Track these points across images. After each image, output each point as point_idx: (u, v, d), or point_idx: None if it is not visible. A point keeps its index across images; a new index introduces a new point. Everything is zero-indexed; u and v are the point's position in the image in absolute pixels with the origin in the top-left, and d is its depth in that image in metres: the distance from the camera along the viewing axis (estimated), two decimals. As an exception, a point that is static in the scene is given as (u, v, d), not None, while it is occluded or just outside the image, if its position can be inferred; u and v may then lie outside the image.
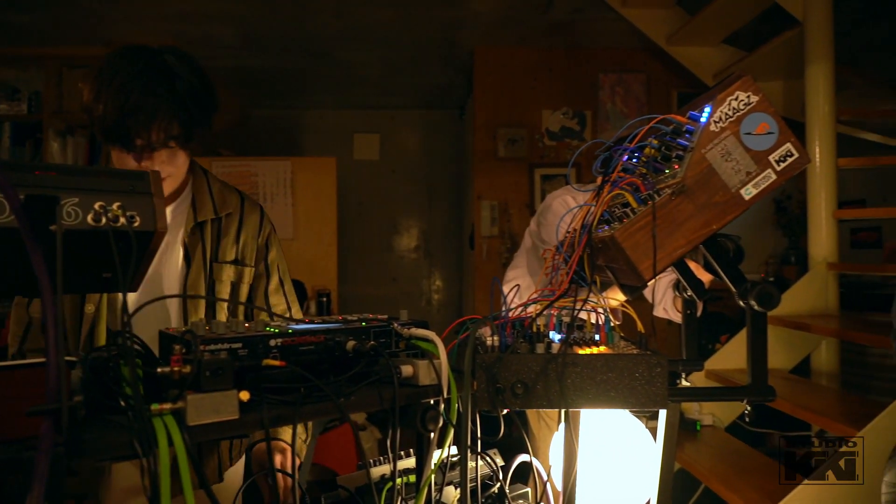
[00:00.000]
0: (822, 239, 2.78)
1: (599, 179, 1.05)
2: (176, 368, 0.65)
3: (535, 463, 1.05)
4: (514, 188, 4.60)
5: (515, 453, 1.12)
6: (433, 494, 0.88)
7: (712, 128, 0.88)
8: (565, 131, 4.62)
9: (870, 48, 3.97)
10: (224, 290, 1.35)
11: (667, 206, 0.88)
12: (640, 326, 0.92)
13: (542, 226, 1.99)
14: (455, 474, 1.10)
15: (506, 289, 1.91)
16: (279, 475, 1.21)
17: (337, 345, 0.81)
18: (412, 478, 1.03)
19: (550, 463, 1.12)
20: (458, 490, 1.10)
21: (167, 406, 0.63)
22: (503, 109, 4.60)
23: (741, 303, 0.93)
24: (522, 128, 4.57)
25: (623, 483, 1.09)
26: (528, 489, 1.14)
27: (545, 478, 1.05)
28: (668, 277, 1.84)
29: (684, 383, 1.05)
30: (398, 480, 1.08)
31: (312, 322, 0.87)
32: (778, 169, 0.89)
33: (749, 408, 0.99)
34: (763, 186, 0.89)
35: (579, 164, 4.51)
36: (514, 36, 4.39)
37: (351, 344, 0.81)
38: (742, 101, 0.89)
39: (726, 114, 0.89)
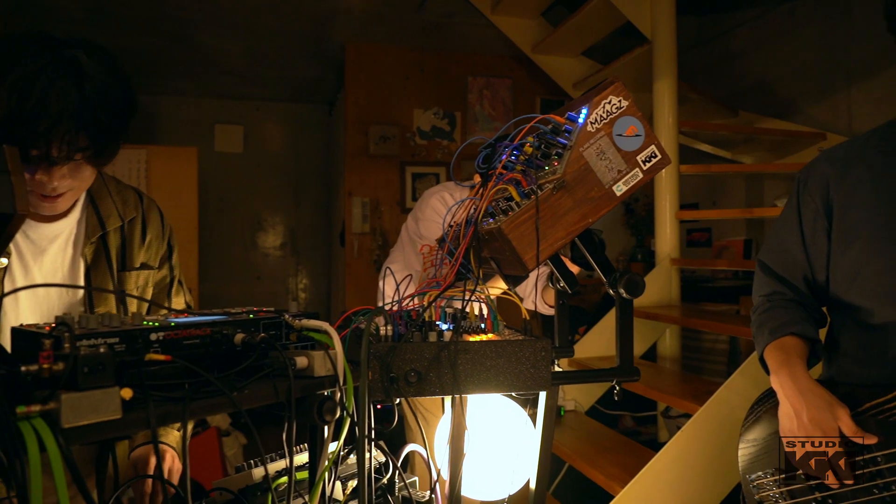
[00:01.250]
0: (666, 237, 3.07)
1: (477, 176, 1.09)
2: (46, 366, 0.58)
3: (422, 451, 1.07)
4: (385, 185, 4.61)
5: (394, 447, 1.13)
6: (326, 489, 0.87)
7: (589, 128, 0.95)
8: (436, 131, 4.70)
9: (703, 69, 4.47)
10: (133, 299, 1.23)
11: (549, 200, 0.93)
12: (524, 314, 0.97)
13: (421, 221, 2.02)
14: (341, 469, 1.09)
15: (388, 282, 1.91)
16: (149, 480, 1.12)
17: (225, 338, 0.77)
18: (301, 474, 1.01)
19: (436, 451, 1.14)
20: (345, 485, 1.09)
21: (36, 408, 0.56)
22: (375, 107, 4.58)
23: (611, 291, 1.01)
24: (394, 126, 4.59)
25: (505, 466, 1.13)
26: (416, 477, 1.15)
27: (433, 465, 1.07)
28: (538, 272, 1.94)
29: (556, 369, 1.11)
30: (283, 479, 1.05)
31: (196, 315, 0.82)
32: (644, 168, 0.98)
33: (618, 387, 1.08)
34: (632, 184, 0.97)
35: (448, 164, 4.62)
36: (386, 34, 4.39)
37: (240, 337, 0.78)
38: (614, 104, 0.97)
39: (601, 116, 0.96)
